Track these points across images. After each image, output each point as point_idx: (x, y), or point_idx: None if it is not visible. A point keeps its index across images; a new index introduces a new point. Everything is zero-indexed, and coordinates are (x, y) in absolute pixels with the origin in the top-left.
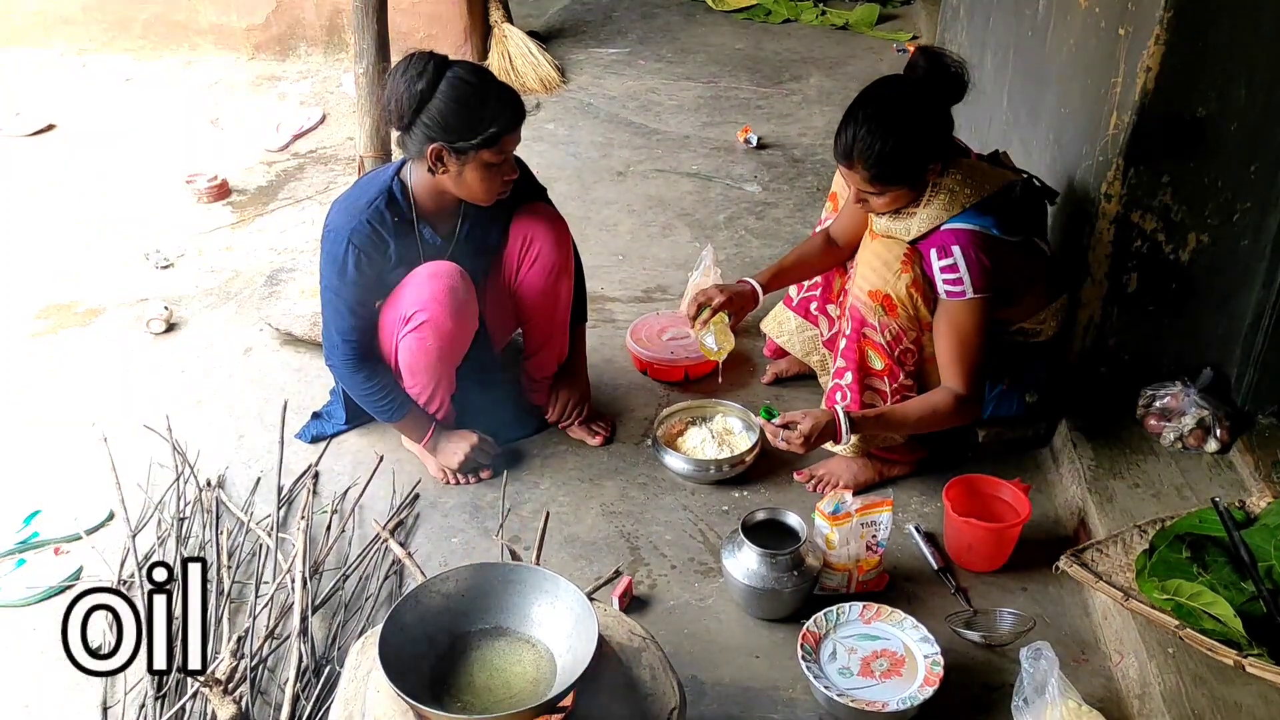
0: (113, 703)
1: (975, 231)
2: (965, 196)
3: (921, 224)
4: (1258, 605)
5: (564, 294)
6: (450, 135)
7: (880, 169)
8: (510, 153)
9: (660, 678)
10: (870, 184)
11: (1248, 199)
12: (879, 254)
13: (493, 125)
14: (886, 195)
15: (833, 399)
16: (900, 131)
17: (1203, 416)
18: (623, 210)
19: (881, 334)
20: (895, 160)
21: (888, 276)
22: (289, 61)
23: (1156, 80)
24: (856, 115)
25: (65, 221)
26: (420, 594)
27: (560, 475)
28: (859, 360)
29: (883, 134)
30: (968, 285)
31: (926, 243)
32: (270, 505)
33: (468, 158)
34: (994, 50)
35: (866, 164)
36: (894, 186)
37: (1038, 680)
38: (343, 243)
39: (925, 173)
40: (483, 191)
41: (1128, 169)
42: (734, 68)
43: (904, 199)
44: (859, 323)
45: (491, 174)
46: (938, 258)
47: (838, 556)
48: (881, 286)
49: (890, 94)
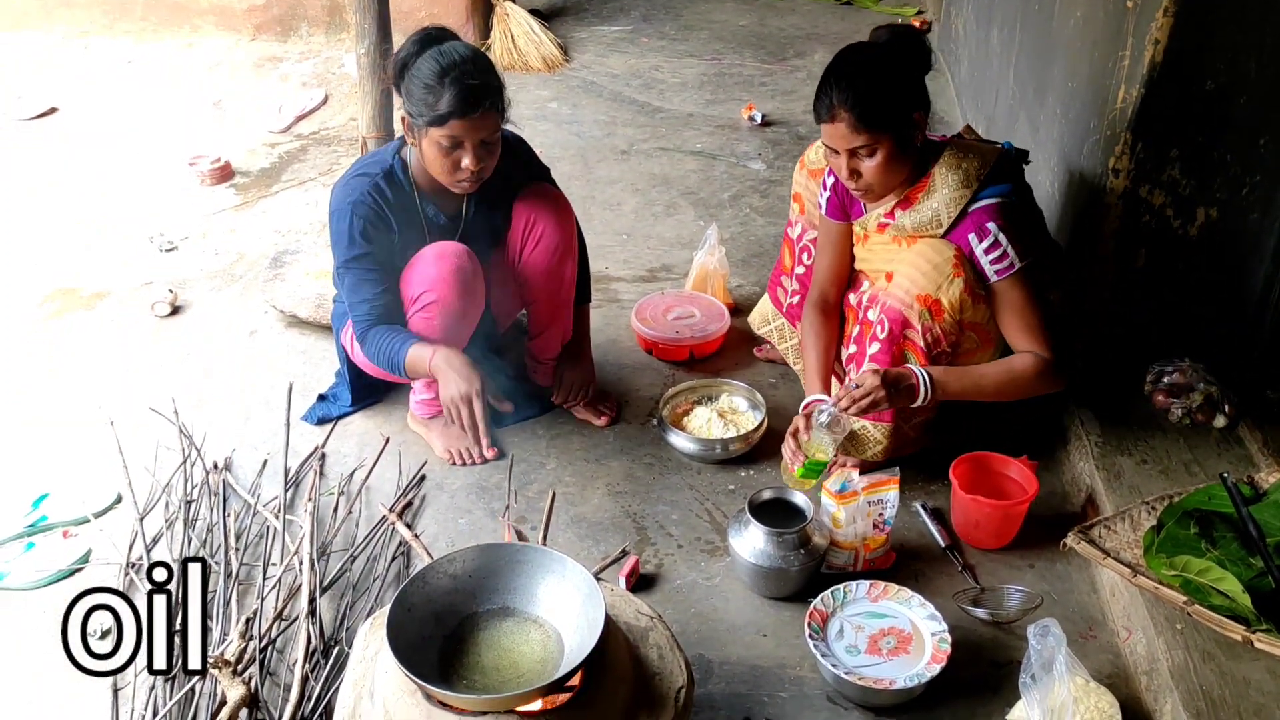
0: (123, 684)
1: (1000, 203)
2: (975, 169)
3: (948, 208)
4: (1266, 581)
5: (568, 274)
6: (410, 106)
7: (863, 109)
8: (468, 141)
9: (668, 657)
10: (857, 131)
11: (1257, 173)
12: (927, 256)
13: (441, 106)
14: (878, 153)
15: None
16: (875, 72)
17: (1211, 392)
18: (626, 189)
19: (923, 336)
20: (877, 98)
21: (939, 281)
22: (290, 42)
23: (1165, 53)
24: (830, 74)
25: (68, 205)
26: (428, 575)
27: (566, 456)
28: (894, 363)
29: (859, 75)
30: (1013, 257)
31: (960, 230)
32: (277, 487)
33: (422, 132)
34: (1000, 24)
35: (849, 105)
36: (882, 132)
37: (1045, 657)
38: (346, 216)
39: (912, 123)
40: (437, 171)
41: (1136, 143)
42: (738, 44)
43: (898, 169)
44: (899, 324)
45: (443, 155)
46: (978, 240)
47: (844, 535)
48: (933, 291)
49: (858, 49)
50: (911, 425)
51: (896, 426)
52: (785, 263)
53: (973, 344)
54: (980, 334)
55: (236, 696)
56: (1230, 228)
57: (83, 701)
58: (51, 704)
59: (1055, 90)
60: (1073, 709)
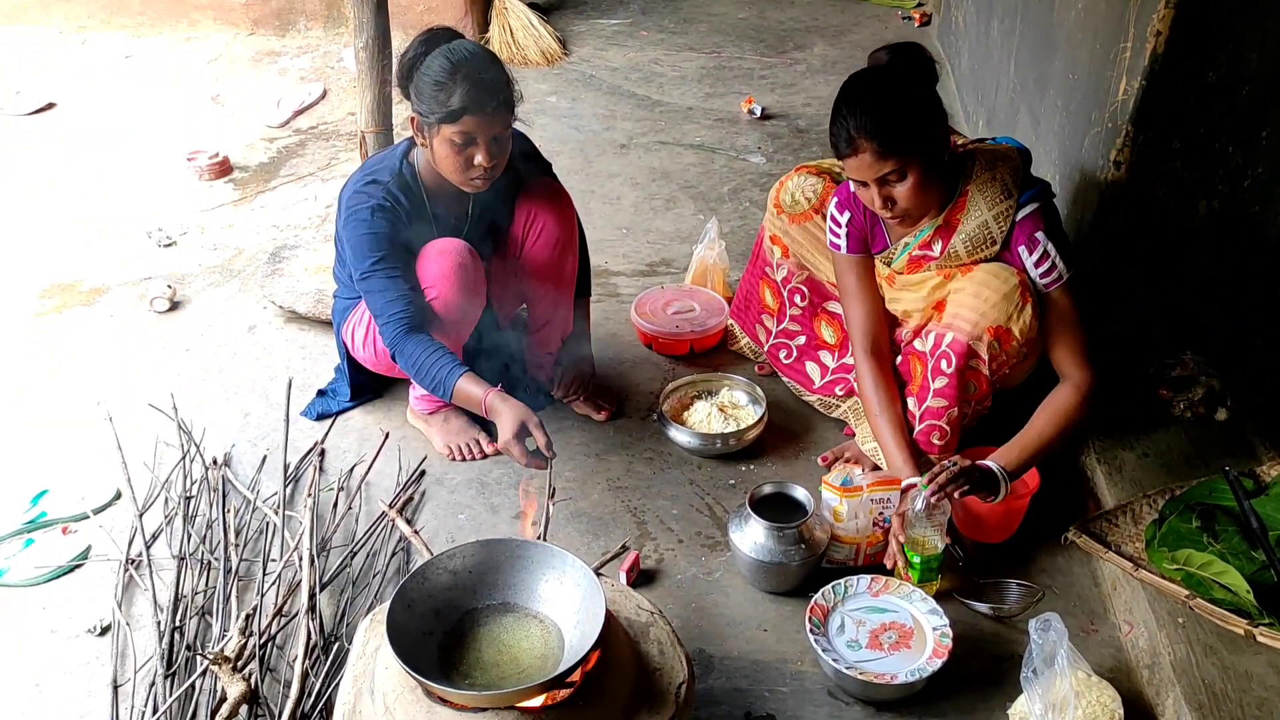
0: (123, 680)
1: (1042, 207)
2: (1009, 177)
3: (998, 223)
4: (1268, 574)
5: (569, 268)
6: (420, 105)
7: (884, 134)
8: (480, 137)
9: (668, 652)
10: (883, 159)
11: (1259, 164)
12: (993, 286)
13: (454, 102)
14: (909, 176)
15: (927, 439)
16: (888, 93)
17: (1213, 385)
18: (626, 183)
19: (989, 365)
20: (896, 120)
21: (1009, 310)
22: (289, 36)
23: (1166, 44)
24: (842, 105)
25: (66, 201)
26: (428, 571)
27: (567, 451)
28: (958, 395)
29: (873, 100)
30: (1061, 267)
31: (1012, 243)
32: (277, 483)
33: (434, 131)
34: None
35: (869, 133)
36: (909, 155)
37: (1047, 651)
38: (367, 217)
39: (937, 138)
40: (449, 169)
41: (1137, 136)
42: (737, 37)
43: (932, 189)
44: (963, 356)
45: (456, 153)
46: (1029, 252)
47: (845, 529)
48: (1004, 322)
49: (864, 76)
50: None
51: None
52: (767, 302)
53: (1020, 356)
54: (1029, 347)
55: (237, 693)
56: (1232, 219)
57: (83, 698)
58: (51, 700)
59: (1056, 82)
60: (1074, 703)
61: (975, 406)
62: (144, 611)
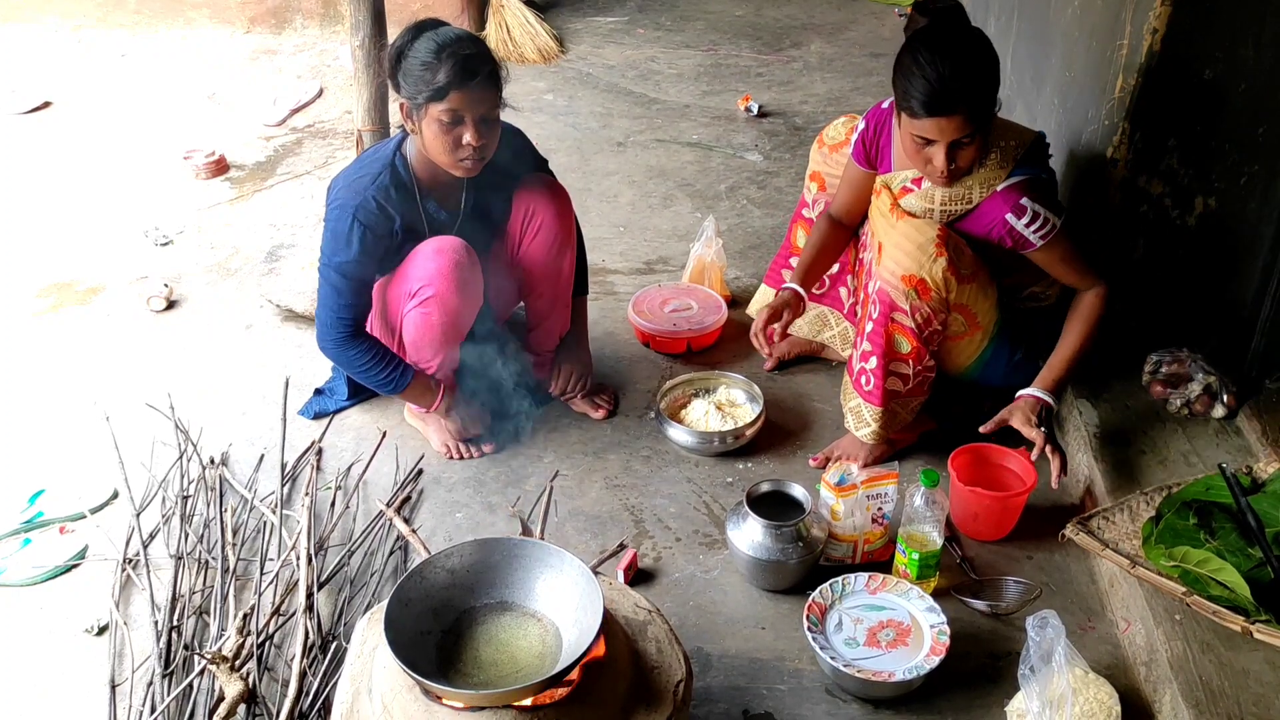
0: (120, 680)
1: (1027, 179)
2: (1012, 148)
3: (981, 187)
4: (1265, 571)
5: (567, 266)
6: (408, 89)
7: (981, 101)
8: (468, 115)
9: (666, 650)
10: (970, 122)
11: (1255, 162)
12: (910, 236)
13: (440, 78)
14: (977, 139)
15: (858, 383)
16: (983, 62)
17: (1209, 382)
18: (623, 181)
19: (912, 317)
20: (990, 89)
21: (922, 260)
22: (285, 35)
23: (1163, 42)
24: (940, 66)
25: (63, 199)
26: (425, 569)
27: (564, 449)
28: (885, 346)
29: (976, 68)
30: (1053, 218)
31: (990, 209)
32: (274, 482)
33: (422, 113)
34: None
35: (968, 102)
36: (988, 121)
37: (1044, 648)
38: (348, 219)
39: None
40: (439, 151)
41: (1134, 132)
42: (734, 35)
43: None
44: (888, 306)
45: (445, 133)
46: (1018, 218)
47: (843, 527)
48: (916, 270)
49: (948, 38)
50: (907, 409)
51: (889, 410)
52: (798, 244)
53: (960, 326)
54: (967, 316)
55: (234, 692)
56: (1229, 217)
57: (80, 697)
58: (49, 700)
59: (1053, 79)
60: (1072, 700)
61: (915, 369)
62: (141, 611)
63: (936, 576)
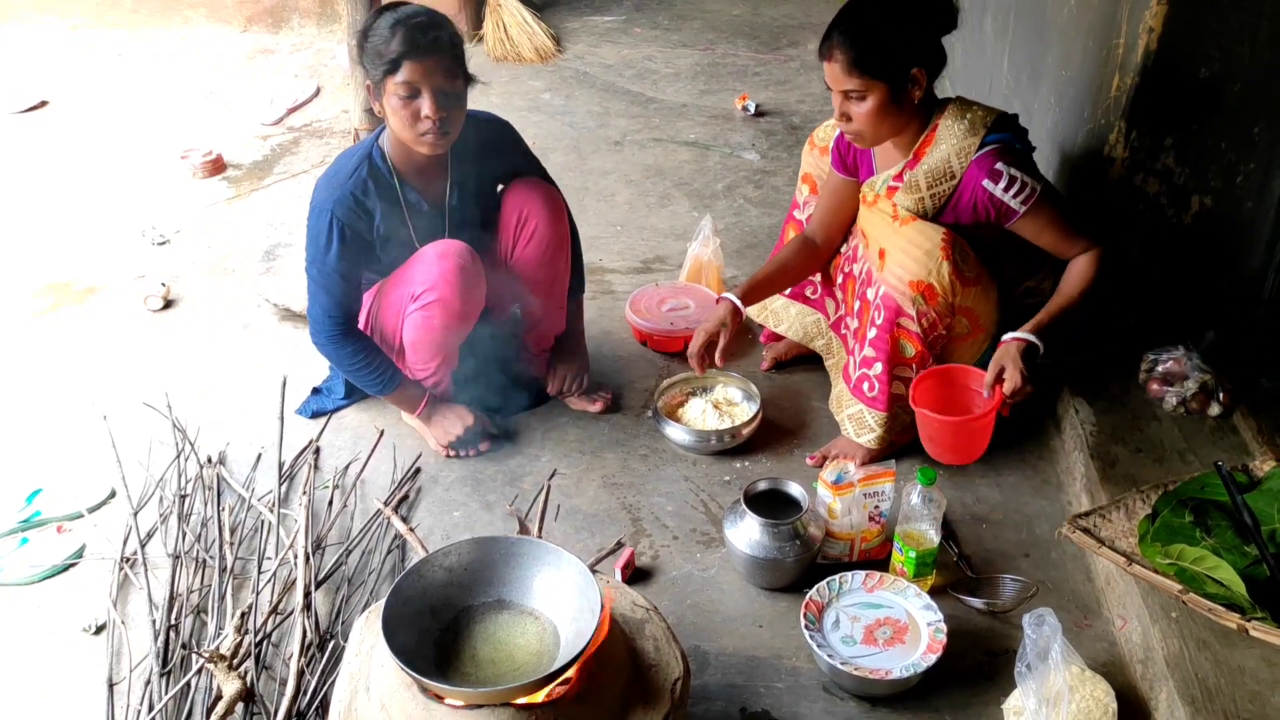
0: (118, 679)
1: (1000, 145)
2: (980, 117)
3: (959, 157)
4: (1261, 569)
5: (561, 269)
6: (368, 66)
7: (858, 53)
8: (424, 86)
9: (664, 648)
10: (849, 75)
11: (1251, 160)
12: (916, 241)
13: (393, 50)
14: (868, 100)
15: (859, 390)
16: (880, 19)
17: (1205, 380)
18: (620, 180)
19: (918, 322)
20: (874, 45)
21: (930, 265)
22: (282, 34)
23: (1159, 41)
24: (839, 14)
25: (60, 199)
26: (423, 568)
27: (561, 448)
28: (890, 351)
29: (862, 20)
30: (1032, 183)
31: (970, 178)
32: (271, 481)
33: (383, 89)
34: (994, 12)
35: (845, 47)
36: (873, 79)
37: (1041, 646)
38: (326, 217)
39: (910, 78)
40: (400, 127)
41: (1130, 131)
42: (731, 34)
43: (890, 120)
44: (893, 312)
45: (404, 107)
46: (994, 183)
47: (840, 526)
48: (924, 276)
49: None
50: (908, 410)
51: (892, 413)
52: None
53: (964, 329)
54: (970, 319)
55: (232, 691)
56: (1224, 215)
57: (78, 696)
58: (47, 699)
59: (1049, 78)
60: (1068, 697)
61: (919, 372)
62: (139, 610)
63: (933, 574)
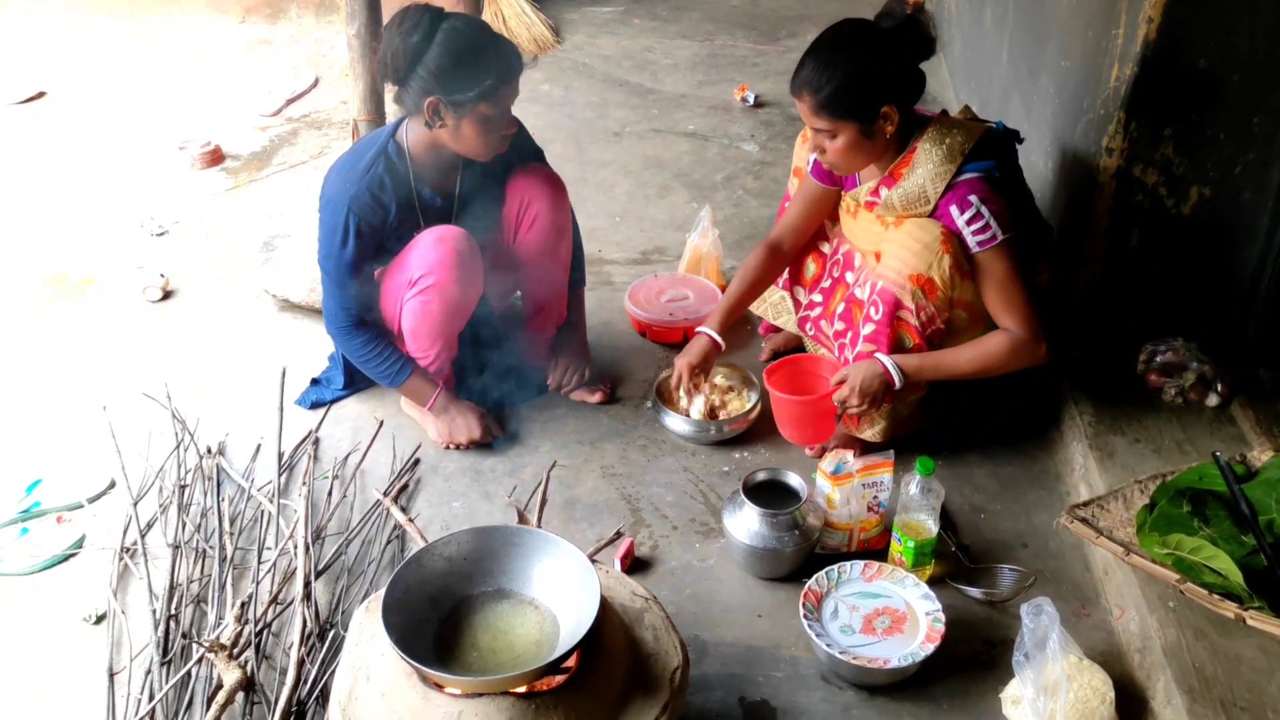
0: (119, 668)
1: (982, 176)
2: (959, 144)
3: (934, 183)
4: (1258, 559)
5: (563, 255)
6: (447, 88)
7: (824, 97)
8: (508, 106)
9: (663, 638)
10: (817, 115)
11: (1250, 151)
12: (916, 236)
13: (489, 77)
14: (839, 138)
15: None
16: (847, 62)
17: (1203, 371)
18: (619, 171)
19: (917, 316)
20: (839, 90)
21: (930, 259)
22: (280, 25)
23: (1158, 31)
24: (807, 53)
25: (58, 190)
26: (423, 558)
27: (561, 438)
28: (889, 345)
29: (827, 64)
30: (995, 229)
31: (943, 203)
32: (271, 472)
33: (465, 111)
34: (993, 3)
35: (812, 89)
36: (841, 120)
37: (1039, 635)
38: (342, 211)
39: (877, 113)
40: (481, 146)
41: (1129, 122)
42: (730, 25)
43: (863, 154)
44: (893, 305)
45: (489, 128)
46: (960, 212)
47: (839, 516)
48: (924, 270)
49: (846, 28)
50: (906, 404)
51: (892, 406)
52: None
53: (962, 322)
54: (970, 311)
55: (232, 680)
56: (1223, 206)
57: (78, 686)
58: (47, 688)
59: (1048, 69)
60: (1066, 687)
61: None
62: (139, 600)
63: (932, 564)
